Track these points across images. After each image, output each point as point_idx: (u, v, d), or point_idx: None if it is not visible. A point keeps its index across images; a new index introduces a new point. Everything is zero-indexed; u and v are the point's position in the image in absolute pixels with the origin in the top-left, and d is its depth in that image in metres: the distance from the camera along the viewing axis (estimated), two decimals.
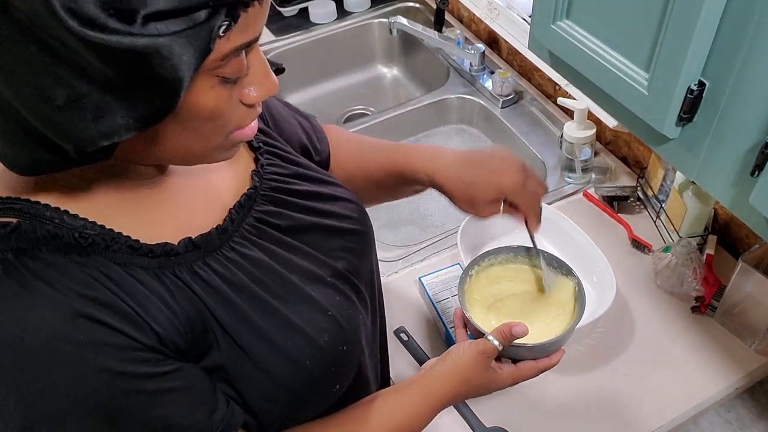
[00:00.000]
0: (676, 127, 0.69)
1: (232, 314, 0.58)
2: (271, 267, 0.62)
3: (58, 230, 0.51)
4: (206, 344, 0.57)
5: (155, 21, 0.42)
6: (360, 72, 1.91)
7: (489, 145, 1.60)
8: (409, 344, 1.09)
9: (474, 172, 0.76)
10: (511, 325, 0.72)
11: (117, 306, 0.51)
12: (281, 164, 0.70)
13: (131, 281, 0.53)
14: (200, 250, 0.58)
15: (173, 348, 0.54)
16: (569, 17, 0.78)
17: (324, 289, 0.65)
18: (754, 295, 1.01)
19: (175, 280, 0.56)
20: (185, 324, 0.55)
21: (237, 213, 0.62)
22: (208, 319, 0.57)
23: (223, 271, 0.58)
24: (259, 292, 0.60)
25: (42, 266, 0.50)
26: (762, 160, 0.60)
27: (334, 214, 0.71)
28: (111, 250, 0.53)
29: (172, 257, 0.56)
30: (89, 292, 0.50)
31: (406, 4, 1.89)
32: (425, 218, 1.46)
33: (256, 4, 0.47)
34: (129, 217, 0.56)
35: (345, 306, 0.67)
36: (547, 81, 1.55)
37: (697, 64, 0.63)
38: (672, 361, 1.05)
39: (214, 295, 0.57)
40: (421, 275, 1.15)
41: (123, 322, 0.51)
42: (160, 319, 0.53)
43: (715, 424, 1.01)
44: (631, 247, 1.23)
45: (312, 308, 0.63)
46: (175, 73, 0.44)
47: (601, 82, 0.76)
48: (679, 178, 1.17)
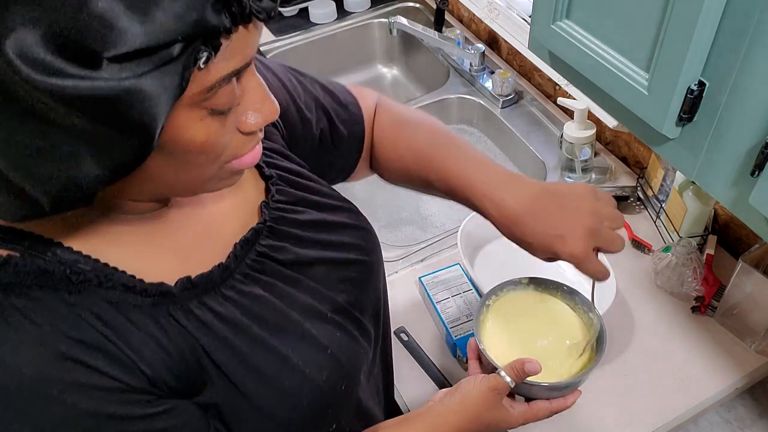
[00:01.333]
0: (676, 127, 0.69)
1: (228, 353, 0.56)
2: (271, 303, 0.60)
3: (49, 265, 0.49)
4: (200, 382, 0.55)
5: (120, 63, 0.38)
6: (360, 72, 1.91)
7: (489, 145, 1.60)
8: (409, 344, 1.09)
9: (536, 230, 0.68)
10: (524, 361, 0.68)
11: (105, 348, 0.49)
12: (290, 191, 0.67)
13: (122, 321, 0.51)
14: (198, 289, 0.56)
15: (165, 388, 0.53)
16: (569, 17, 0.78)
17: (324, 326, 0.63)
18: (754, 295, 1.01)
19: (169, 319, 0.53)
20: (179, 363, 0.53)
21: (242, 248, 0.59)
22: (202, 358, 0.55)
23: (220, 310, 0.56)
24: (257, 330, 0.58)
25: (30, 304, 0.47)
26: (762, 160, 0.59)
27: (339, 245, 0.68)
28: (104, 287, 0.51)
29: (167, 297, 0.54)
30: (77, 334, 0.48)
31: (406, 4, 1.89)
32: (425, 218, 1.46)
33: (241, 29, 0.43)
34: (126, 251, 0.53)
35: (345, 342, 0.65)
36: (547, 81, 1.55)
37: (697, 64, 0.63)
38: (672, 361, 1.05)
39: (210, 334, 0.55)
40: (421, 275, 1.15)
41: (111, 365, 0.49)
42: (150, 360, 0.51)
43: (715, 424, 1.01)
44: (631, 247, 1.23)
45: (311, 346, 0.61)
46: (145, 117, 0.40)
47: (601, 82, 0.76)
48: (679, 178, 1.17)
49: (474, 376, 0.71)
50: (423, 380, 1.05)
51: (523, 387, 0.71)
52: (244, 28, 0.43)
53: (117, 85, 0.38)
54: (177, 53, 0.40)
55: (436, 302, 1.10)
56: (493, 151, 1.59)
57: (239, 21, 0.42)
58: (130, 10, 0.38)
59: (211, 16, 0.41)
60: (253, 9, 0.43)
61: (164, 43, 0.39)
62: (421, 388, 1.04)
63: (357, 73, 1.91)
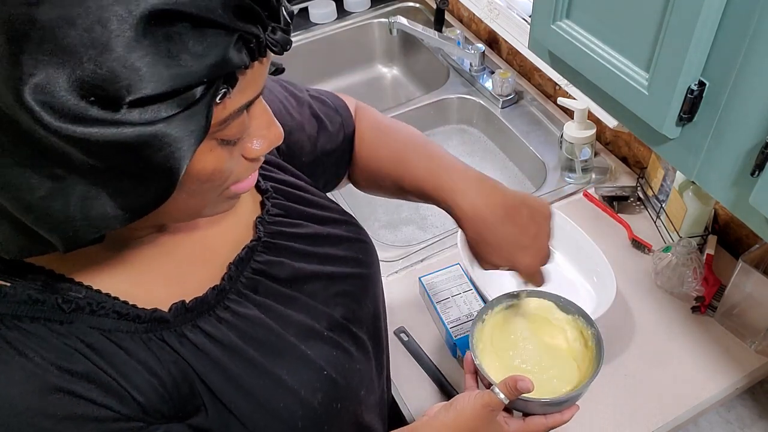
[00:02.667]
0: (676, 127, 0.69)
1: (222, 377, 0.55)
2: (266, 324, 0.59)
3: (40, 295, 0.48)
4: (192, 407, 0.55)
5: (142, 106, 0.37)
6: (360, 72, 1.91)
7: (489, 145, 1.60)
8: (409, 344, 1.09)
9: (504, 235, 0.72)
10: (516, 378, 0.67)
11: (98, 378, 0.49)
12: (286, 204, 0.67)
13: (114, 349, 0.50)
14: (192, 313, 0.55)
15: (157, 415, 0.52)
16: (569, 17, 0.78)
17: (320, 345, 0.63)
18: (754, 295, 1.01)
19: (162, 344, 0.53)
20: (171, 389, 0.53)
21: (236, 268, 0.59)
22: (195, 383, 0.54)
23: (214, 332, 0.56)
24: (251, 352, 0.57)
25: (20, 336, 0.47)
26: (762, 160, 0.59)
27: (337, 259, 0.68)
28: (96, 315, 0.50)
29: (162, 323, 0.53)
30: (69, 365, 0.48)
31: (406, 4, 1.89)
32: (425, 218, 1.46)
33: (255, 64, 0.43)
34: (119, 277, 0.53)
35: (342, 361, 0.64)
36: (547, 81, 1.55)
37: (697, 64, 0.63)
38: (672, 361, 1.05)
39: (203, 358, 0.55)
40: (421, 275, 1.14)
41: (104, 395, 0.49)
42: (143, 388, 0.51)
43: (715, 424, 1.01)
44: (631, 247, 1.23)
45: (306, 367, 0.61)
46: (170, 162, 0.39)
47: (601, 82, 0.76)
48: (679, 178, 1.17)
49: (469, 392, 0.71)
50: (423, 380, 1.05)
51: (519, 402, 0.71)
52: (259, 63, 0.44)
53: (143, 130, 0.38)
54: (200, 94, 0.39)
55: (436, 302, 1.10)
56: (493, 151, 1.59)
57: (256, 56, 0.43)
58: (155, 53, 0.37)
59: (233, 54, 0.40)
60: (269, 43, 0.43)
61: (189, 84, 0.39)
62: (421, 388, 1.04)
63: (357, 73, 1.91)
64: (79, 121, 0.37)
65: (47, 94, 0.36)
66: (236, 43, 0.40)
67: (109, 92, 0.37)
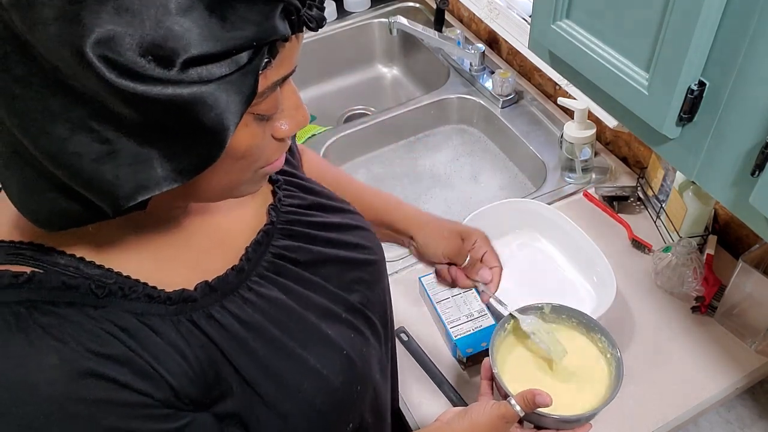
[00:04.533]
0: (676, 127, 0.69)
1: (248, 358, 0.56)
2: (289, 306, 0.60)
3: (72, 281, 0.48)
4: (219, 392, 0.55)
5: (196, 66, 0.39)
6: (360, 72, 1.91)
7: (489, 145, 1.60)
8: (409, 344, 1.09)
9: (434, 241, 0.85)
10: (535, 393, 0.68)
11: (132, 361, 0.49)
12: (299, 194, 0.68)
13: (147, 332, 0.51)
14: (217, 293, 0.56)
15: (187, 400, 0.52)
16: (569, 17, 0.78)
17: (339, 327, 0.64)
18: (754, 295, 1.01)
19: (191, 326, 0.54)
20: (199, 373, 0.53)
21: (254, 251, 0.60)
22: (223, 366, 0.55)
23: (239, 313, 0.56)
24: (276, 333, 0.58)
25: (54, 321, 0.47)
26: (762, 160, 0.59)
27: (350, 245, 0.70)
28: (128, 299, 0.51)
29: (189, 303, 0.54)
30: (103, 349, 0.48)
31: (406, 4, 1.89)
32: None
33: (292, 39, 0.45)
34: (144, 262, 0.54)
35: (359, 343, 0.65)
36: (547, 81, 1.55)
37: (697, 64, 0.63)
38: (672, 361, 1.05)
39: (230, 340, 0.55)
40: (421, 275, 1.14)
41: (137, 378, 0.49)
42: (174, 371, 0.51)
43: (715, 424, 1.01)
44: (631, 247, 1.23)
45: (328, 348, 0.62)
46: (221, 122, 0.41)
47: (601, 82, 0.76)
48: (679, 178, 1.17)
49: (484, 401, 0.72)
50: (423, 381, 1.05)
51: (533, 416, 0.71)
52: (296, 38, 0.45)
53: (197, 90, 0.39)
54: (247, 59, 0.41)
55: (436, 302, 1.10)
56: (493, 151, 1.59)
57: (295, 29, 0.44)
58: (210, 15, 0.39)
59: (279, 23, 0.42)
60: (306, 18, 0.44)
61: (240, 46, 0.40)
62: (422, 389, 1.04)
63: (357, 73, 1.91)
64: (138, 78, 0.38)
65: (109, 50, 0.37)
66: (281, 12, 0.42)
67: (166, 51, 0.38)
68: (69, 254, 0.50)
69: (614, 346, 0.78)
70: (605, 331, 0.79)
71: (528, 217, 1.24)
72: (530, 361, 0.80)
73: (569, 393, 0.76)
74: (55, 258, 0.49)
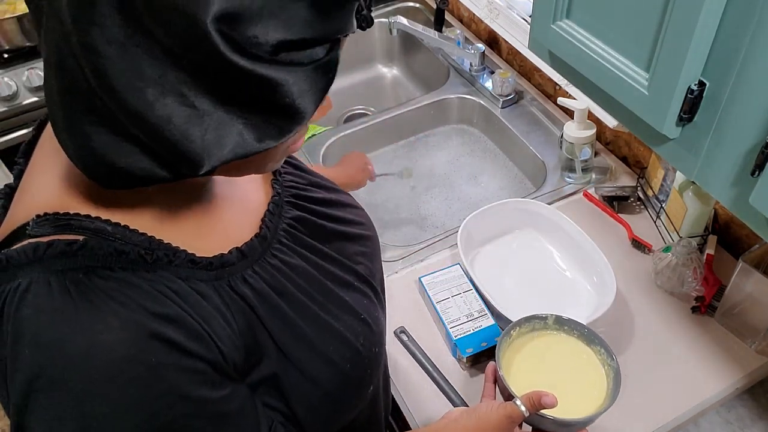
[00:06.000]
0: (676, 127, 0.69)
1: (280, 322, 0.58)
2: (309, 273, 0.62)
3: (123, 247, 0.49)
4: (256, 359, 0.57)
5: (291, 50, 0.43)
6: (360, 72, 1.91)
7: (489, 145, 1.60)
8: (409, 344, 1.09)
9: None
10: (541, 394, 0.71)
11: (187, 323, 0.50)
12: (296, 173, 0.71)
13: (195, 296, 0.52)
14: (248, 259, 0.58)
15: (232, 365, 0.54)
16: (569, 17, 0.78)
17: (354, 294, 0.66)
18: (754, 295, 1.01)
19: (230, 291, 0.55)
20: (240, 339, 0.55)
21: (270, 221, 0.62)
22: (259, 330, 0.56)
23: (269, 279, 0.58)
24: (302, 298, 0.60)
25: (113, 285, 0.48)
26: (762, 160, 0.59)
27: (348, 221, 0.72)
28: (173, 265, 0.52)
29: (227, 268, 0.56)
30: (160, 309, 0.49)
31: (406, 4, 1.89)
32: (425, 218, 1.46)
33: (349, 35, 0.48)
34: (180, 231, 0.55)
35: (372, 309, 0.68)
36: (547, 81, 1.55)
37: (697, 64, 0.63)
38: (672, 361, 1.05)
39: (264, 304, 0.57)
40: (421, 275, 1.15)
41: (192, 340, 0.50)
42: (221, 335, 0.52)
43: (715, 424, 1.01)
44: (631, 247, 1.23)
45: (347, 313, 0.64)
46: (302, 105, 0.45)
47: (601, 82, 0.76)
48: (679, 178, 1.17)
49: (490, 401, 0.75)
50: (423, 381, 1.05)
51: (535, 418, 0.73)
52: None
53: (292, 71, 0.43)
54: (326, 52, 0.45)
55: (436, 302, 1.10)
56: (493, 151, 1.59)
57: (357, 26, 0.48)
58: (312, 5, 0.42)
59: (354, 19, 0.46)
60: (362, 17, 0.48)
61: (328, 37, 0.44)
62: (421, 388, 1.04)
63: (357, 73, 1.91)
64: (245, 54, 0.41)
65: (227, 25, 0.40)
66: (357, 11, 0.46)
67: (270, 32, 0.41)
68: (114, 222, 0.51)
69: (612, 357, 0.82)
70: (604, 343, 0.83)
71: (528, 217, 1.24)
72: (533, 365, 0.83)
73: (569, 399, 0.77)
74: (102, 226, 0.50)
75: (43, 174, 0.53)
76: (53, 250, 0.47)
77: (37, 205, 0.51)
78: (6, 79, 1.59)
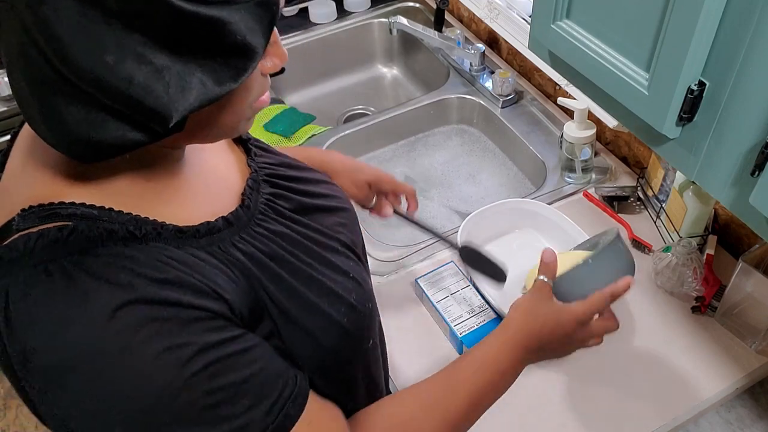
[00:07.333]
0: (676, 127, 0.69)
1: (274, 283, 0.60)
2: (295, 239, 0.65)
3: (112, 226, 0.51)
4: (258, 316, 0.59)
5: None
6: (360, 72, 1.91)
7: (489, 145, 1.60)
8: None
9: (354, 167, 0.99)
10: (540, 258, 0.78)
11: (189, 283, 0.51)
12: (267, 154, 0.73)
13: (192, 260, 0.54)
14: (234, 227, 0.60)
15: (239, 317, 0.56)
16: (569, 17, 0.79)
17: (339, 257, 0.69)
18: (754, 295, 1.01)
19: (225, 255, 0.57)
20: (243, 295, 0.56)
21: (250, 196, 0.64)
22: (258, 289, 0.58)
23: (258, 244, 0.60)
24: (292, 260, 0.62)
25: (110, 260, 0.49)
26: (762, 160, 0.60)
27: (323, 195, 0.74)
28: (162, 238, 0.53)
29: (215, 234, 0.57)
30: (160, 275, 0.50)
31: (406, 4, 1.89)
32: (426, 219, 1.46)
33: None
34: (163, 206, 0.57)
35: (358, 269, 0.70)
36: (547, 81, 1.55)
37: (697, 64, 0.63)
38: (672, 361, 1.05)
39: (257, 266, 0.59)
40: (417, 277, 1.15)
41: (198, 297, 0.51)
42: (226, 288, 0.54)
43: (715, 424, 1.01)
44: (631, 247, 1.23)
45: (337, 273, 0.66)
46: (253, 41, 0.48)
47: (601, 82, 0.76)
48: (679, 178, 1.17)
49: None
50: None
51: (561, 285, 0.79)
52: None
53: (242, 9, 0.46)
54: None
55: (436, 302, 1.10)
56: (493, 151, 1.59)
57: None
58: None
59: None
60: None
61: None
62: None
63: (357, 73, 1.91)
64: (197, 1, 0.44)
65: None
66: None
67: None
68: (99, 206, 0.52)
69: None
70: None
71: (528, 217, 1.24)
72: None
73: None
74: (88, 211, 0.51)
75: (21, 174, 0.54)
76: (44, 239, 0.48)
77: (20, 202, 0.52)
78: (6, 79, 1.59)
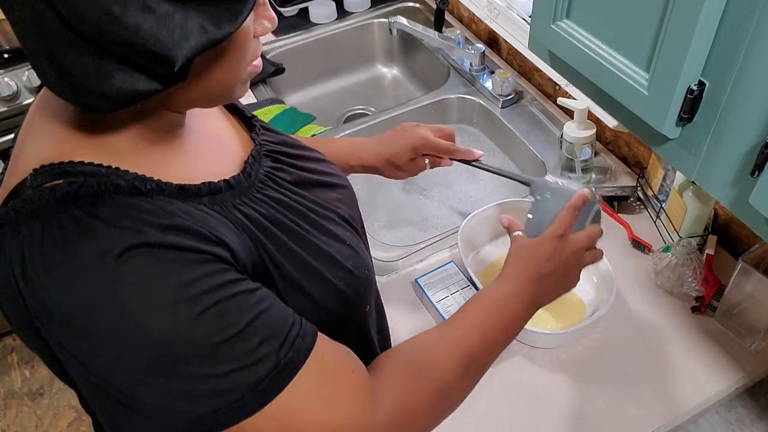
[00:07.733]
0: (676, 127, 0.69)
1: (276, 245, 0.62)
2: (294, 207, 0.67)
3: (119, 181, 0.53)
4: (260, 276, 0.60)
5: None
6: (360, 72, 1.91)
7: (489, 144, 1.61)
8: None
9: (388, 146, 1.00)
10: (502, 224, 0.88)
11: (194, 229, 0.53)
12: (269, 134, 0.76)
13: (199, 212, 0.55)
14: (235, 190, 0.61)
15: (243, 268, 0.57)
16: (569, 17, 0.79)
17: (337, 227, 0.71)
18: (754, 295, 1.02)
19: (227, 213, 0.59)
20: (245, 250, 0.58)
21: (252, 165, 0.66)
22: (261, 251, 0.60)
23: (258, 208, 0.62)
24: (291, 225, 0.65)
25: (119, 209, 0.51)
26: (762, 160, 0.60)
27: (323, 173, 0.77)
28: (166, 194, 0.55)
29: (217, 195, 0.59)
30: (168, 222, 0.52)
31: (406, 4, 1.89)
32: (426, 219, 1.46)
33: None
34: (162, 167, 0.58)
35: (356, 240, 0.73)
36: (547, 81, 1.55)
37: (697, 64, 0.63)
38: (672, 361, 1.05)
39: (259, 228, 0.61)
40: (417, 277, 1.15)
41: (202, 242, 0.53)
42: (231, 239, 0.56)
43: (715, 424, 1.01)
44: (631, 247, 1.23)
45: (334, 240, 0.69)
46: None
47: (601, 82, 0.76)
48: (679, 178, 1.17)
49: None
50: None
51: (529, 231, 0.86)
52: None
53: None
54: None
55: (436, 302, 1.10)
56: (493, 151, 1.59)
57: None
58: None
59: None
60: None
61: None
62: None
63: (357, 73, 1.91)
64: None
65: None
66: None
67: None
68: (106, 165, 0.54)
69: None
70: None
71: None
72: None
73: None
74: (96, 169, 0.53)
75: (32, 140, 0.57)
76: (56, 193, 0.50)
77: (32, 162, 0.54)
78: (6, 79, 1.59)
